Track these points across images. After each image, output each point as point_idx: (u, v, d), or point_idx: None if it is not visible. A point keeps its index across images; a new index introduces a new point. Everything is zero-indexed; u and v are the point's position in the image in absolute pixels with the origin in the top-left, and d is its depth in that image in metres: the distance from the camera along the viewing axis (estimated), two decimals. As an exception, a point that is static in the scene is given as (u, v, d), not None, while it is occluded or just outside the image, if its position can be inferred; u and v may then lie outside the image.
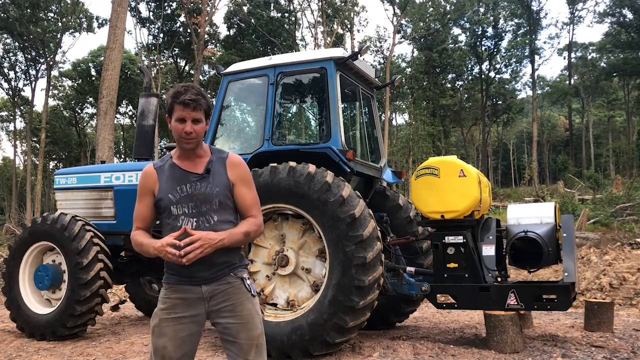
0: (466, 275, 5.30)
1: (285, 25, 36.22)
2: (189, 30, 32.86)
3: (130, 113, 45.95)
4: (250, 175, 2.51)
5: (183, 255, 2.20)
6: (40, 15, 33.83)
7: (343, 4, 35.13)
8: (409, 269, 5.77)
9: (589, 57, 46.34)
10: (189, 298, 2.34)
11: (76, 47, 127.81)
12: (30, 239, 6.53)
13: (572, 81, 46.24)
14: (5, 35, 34.61)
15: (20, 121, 43.91)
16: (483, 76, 42.43)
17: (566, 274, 5.08)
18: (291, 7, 37.09)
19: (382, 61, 39.58)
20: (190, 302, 2.34)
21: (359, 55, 5.82)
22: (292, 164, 5.18)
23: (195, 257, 2.22)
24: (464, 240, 5.30)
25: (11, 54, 36.43)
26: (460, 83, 45.35)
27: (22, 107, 41.10)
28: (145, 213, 2.44)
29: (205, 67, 37.91)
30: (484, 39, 41.36)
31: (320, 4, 34.24)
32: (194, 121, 2.32)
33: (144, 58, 36.34)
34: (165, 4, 34.77)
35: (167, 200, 2.35)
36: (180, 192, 2.35)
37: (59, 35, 34.53)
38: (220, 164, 2.42)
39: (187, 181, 2.37)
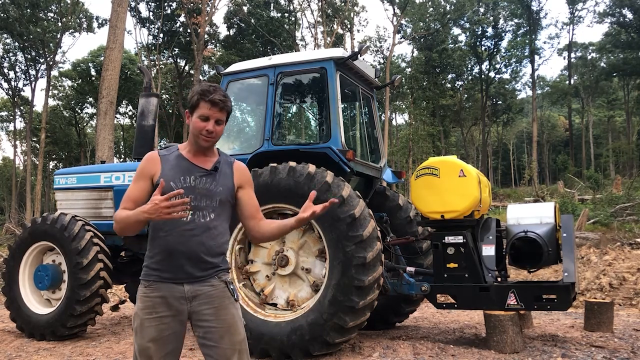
0: (466, 275, 5.30)
1: (285, 25, 36.21)
2: (189, 30, 32.86)
3: (130, 113, 45.98)
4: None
5: (188, 202, 2.12)
6: (40, 15, 33.79)
7: (343, 4, 35.13)
8: (409, 269, 5.77)
9: (589, 57, 46.32)
10: (169, 297, 2.29)
11: (76, 47, 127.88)
12: (30, 239, 6.53)
13: (572, 81, 46.23)
14: (5, 35, 34.60)
15: (20, 121, 43.97)
16: (483, 76, 42.41)
17: (566, 274, 5.08)
18: (291, 7, 37.11)
19: (382, 61, 39.60)
20: (171, 302, 2.29)
21: (358, 55, 5.83)
22: (292, 164, 5.18)
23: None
24: (464, 240, 5.30)
25: (11, 54, 36.44)
26: (460, 83, 45.35)
27: (22, 107, 41.10)
28: (137, 196, 2.32)
29: (205, 67, 37.91)
30: (484, 39, 41.35)
31: (320, 4, 34.25)
32: (217, 122, 2.33)
33: (144, 58, 36.35)
34: (165, 4, 34.77)
35: (168, 188, 2.28)
36: (183, 182, 2.33)
37: (59, 35, 34.50)
38: (227, 166, 2.46)
39: (193, 174, 2.36)
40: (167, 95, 42.41)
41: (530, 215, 5.49)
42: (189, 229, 2.28)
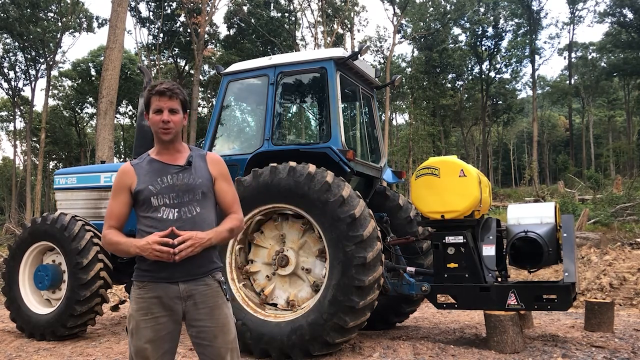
0: (466, 275, 5.29)
1: (285, 25, 36.21)
2: (189, 30, 32.84)
3: (130, 113, 45.93)
4: (229, 173, 2.56)
5: (176, 252, 2.19)
6: (40, 15, 33.79)
7: (343, 4, 35.11)
8: (409, 269, 5.76)
9: (589, 57, 46.34)
10: (164, 297, 2.30)
11: (76, 47, 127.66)
12: (30, 239, 6.53)
13: (573, 81, 46.23)
14: (5, 35, 34.60)
15: (20, 121, 43.92)
16: (483, 76, 42.40)
17: (566, 274, 5.08)
18: (291, 7, 37.09)
19: (382, 61, 39.55)
20: (166, 302, 2.31)
21: (359, 55, 5.82)
22: (292, 164, 5.18)
23: (186, 255, 2.22)
24: (464, 240, 5.29)
25: (11, 54, 36.42)
26: (461, 83, 45.31)
27: (22, 107, 41.08)
28: (120, 211, 2.40)
29: (205, 67, 37.90)
30: (484, 38, 41.33)
31: (320, 4, 34.24)
32: (170, 111, 2.35)
33: (144, 58, 36.35)
34: (165, 4, 34.75)
35: (147, 192, 2.33)
36: (161, 183, 2.35)
37: (59, 35, 34.50)
38: (200, 160, 2.47)
39: (168, 173, 2.38)
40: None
41: (531, 215, 5.49)
42: (178, 227, 2.28)
